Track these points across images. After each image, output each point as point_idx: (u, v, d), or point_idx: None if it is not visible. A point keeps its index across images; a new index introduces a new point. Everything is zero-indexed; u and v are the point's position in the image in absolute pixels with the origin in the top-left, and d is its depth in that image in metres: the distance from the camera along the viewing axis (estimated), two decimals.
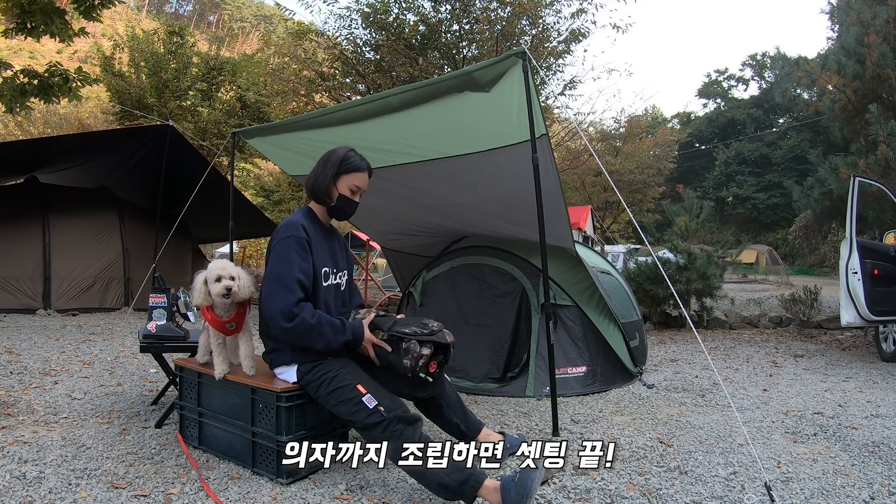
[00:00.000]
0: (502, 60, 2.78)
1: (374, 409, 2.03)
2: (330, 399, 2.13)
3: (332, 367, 2.16)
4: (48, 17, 5.39)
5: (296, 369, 2.22)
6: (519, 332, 3.88)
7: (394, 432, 1.99)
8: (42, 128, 21.88)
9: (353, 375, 2.14)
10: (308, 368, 2.19)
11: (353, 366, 2.20)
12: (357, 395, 2.07)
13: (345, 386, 2.10)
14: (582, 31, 9.81)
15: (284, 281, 2.13)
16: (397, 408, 2.06)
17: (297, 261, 2.16)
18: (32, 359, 4.44)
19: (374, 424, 2.02)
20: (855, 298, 4.82)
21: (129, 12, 58.16)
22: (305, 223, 2.28)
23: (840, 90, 8.32)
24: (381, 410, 2.02)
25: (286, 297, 2.10)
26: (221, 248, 19.40)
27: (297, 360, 2.22)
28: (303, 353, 2.20)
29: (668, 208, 9.16)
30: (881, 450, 2.69)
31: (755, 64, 43.85)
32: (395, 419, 2.01)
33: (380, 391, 2.11)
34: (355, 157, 2.37)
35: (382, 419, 2.00)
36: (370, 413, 2.02)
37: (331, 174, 2.33)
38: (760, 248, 25.64)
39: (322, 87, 10.27)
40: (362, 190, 2.40)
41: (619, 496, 2.12)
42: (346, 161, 2.34)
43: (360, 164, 2.37)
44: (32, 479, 2.15)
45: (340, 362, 2.18)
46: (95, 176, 8.29)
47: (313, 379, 2.16)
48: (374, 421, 2.02)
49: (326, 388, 2.13)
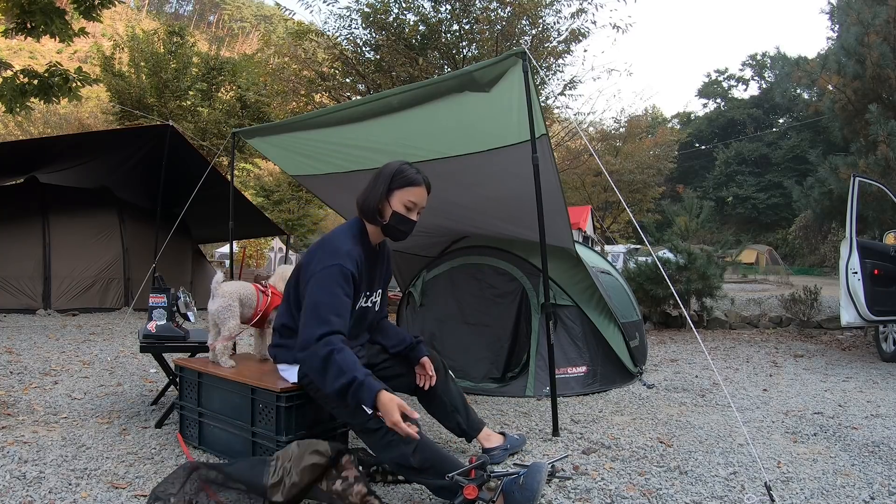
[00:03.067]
0: (502, 60, 2.77)
1: (373, 415, 1.96)
2: (329, 402, 2.11)
3: None
4: (48, 17, 5.39)
5: (297, 369, 2.21)
6: (519, 332, 3.88)
7: (391, 440, 1.94)
8: (42, 128, 21.89)
9: None
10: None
11: None
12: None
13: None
14: (582, 31, 9.82)
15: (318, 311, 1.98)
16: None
17: (338, 292, 2.00)
18: (32, 359, 4.44)
19: (372, 430, 1.99)
20: (855, 298, 4.82)
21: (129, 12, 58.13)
22: (355, 251, 2.09)
23: (840, 90, 8.32)
24: (380, 415, 1.97)
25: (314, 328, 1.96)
26: (221, 248, 19.39)
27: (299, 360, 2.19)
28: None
29: (668, 208, 9.16)
30: (881, 450, 2.69)
31: (755, 64, 43.85)
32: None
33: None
34: (410, 171, 2.18)
35: (381, 426, 1.95)
36: (368, 419, 1.98)
37: (382, 190, 2.14)
38: (760, 248, 25.65)
39: (322, 87, 10.28)
40: (420, 207, 2.19)
41: (619, 496, 2.12)
42: (399, 175, 2.15)
43: (415, 178, 2.17)
44: (32, 479, 2.15)
45: None
46: (95, 176, 8.29)
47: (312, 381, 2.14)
48: (373, 427, 1.98)
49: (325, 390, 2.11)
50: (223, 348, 2.56)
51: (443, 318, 4.16)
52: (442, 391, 2.39)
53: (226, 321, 2.55)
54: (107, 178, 8.40)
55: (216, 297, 2.56)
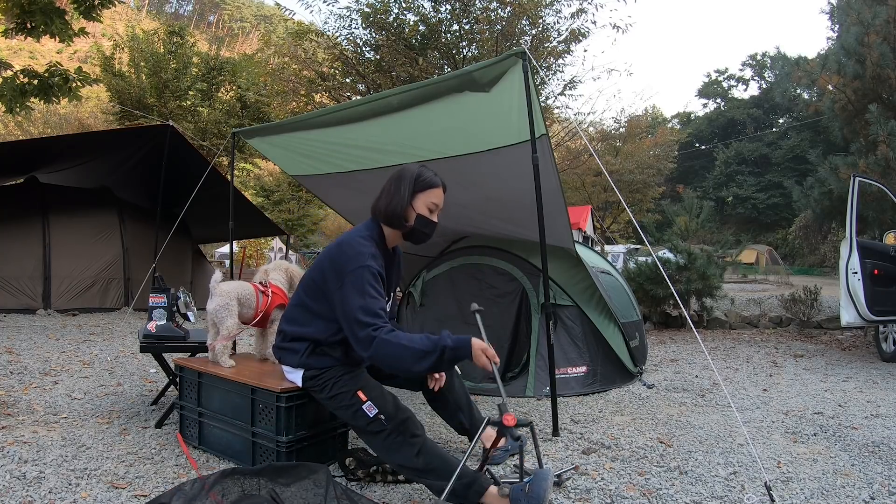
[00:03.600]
0: (502, 60, 2.77)
1: (375, 417, 1.98)
2: (330, 403, 2.11)
3: (334, 373, 2.11)
4: (48, 17, 5.39)
5: (301, 374, 2.18)
6: (519, 332, 3.88)
7: (394, 443, 1.95)
8: (42, 128, 21.89)
9: (355, 381, 2.08)
10: (312, 374, 2.14)
11: (358, 370, 2.15)
12: (357, 403, 2.03)
13: (344, 392, 2.06)
14: (582, 31, 9.83)
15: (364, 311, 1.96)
16: (401, 416, 2.00)
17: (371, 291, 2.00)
18: (32, 359, 4.44)
19: (374, 433, 1.99)
20: (855, 298, 4.82)
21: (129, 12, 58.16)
22: (377, 253, 2.11)
23: (840, 90, 8.32)
24: (382, 419, 1.98)
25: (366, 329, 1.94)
26: (221, 248, 19.39)
27: (305, 365, 2.15)
28: (310, 360, 2.14)
29: (668, 208, 9.15)
30: (881, 450, 2.69)
31: (755, 64, 43.87)
32: (396, 430, 1.96)
33: (383, 398, 2.05)
34: (428, 173, 2.21)
35: (383, 429, 1.96)
36: (370, 421, 1.99)
37: (406, 194, 2.15)
38: (760, 248, 25.64)
39: (322, 87, 10.28)
40: (440, 208, 2.23)
41: (619, 496, 2.12)
42: (420, 178, 2.18)
43: (434, 180, 2.20)
44: (32, 479, 2.15)
45: (344, 368, 2.13)
46: (95, 176, 8.29)
47: (315, 385, 2.13)
48: (375, 430, 1.98)
49: (328, 392, 2.10)
50: (223, 348, 2.56)
51: (443, 318, 4.15)
52: (447, 389, 2.39)
53: (224, 320, 2.55)
54: (107, 178, 8.40)
55: (214, 297, 2.56)
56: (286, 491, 1.86)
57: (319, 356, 2.14)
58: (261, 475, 1.91)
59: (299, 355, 2.15)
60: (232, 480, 1.87)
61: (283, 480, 1.89)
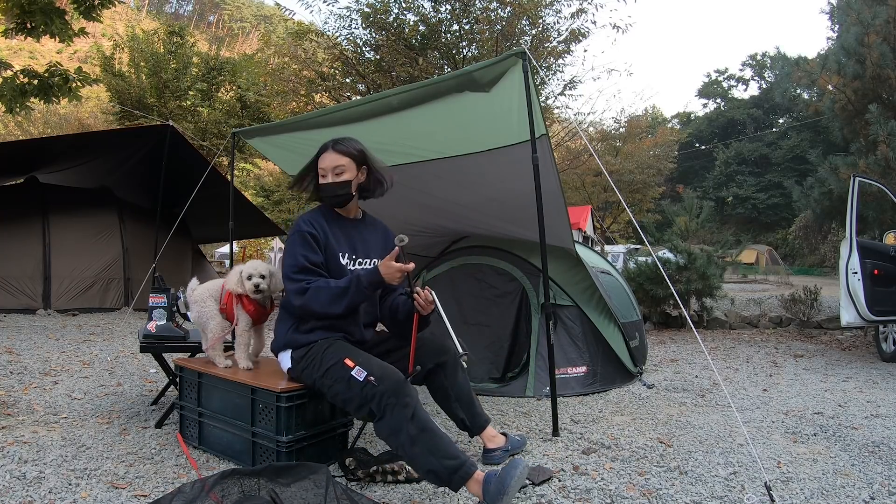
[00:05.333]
0: (502, 60, 2.77)
1: (365, 380, 2.02)
2: (325, 382, 2.14)
3: (319, 347, 2.21)
4: (48, 17, 5.38)
5: (290, 354, 2.29)
6: (519, 332, 3.88)
7: (387, 405, 1.97)
8: (42, 128, 21.87)
9: (339, 351, 2.16)
10: (301, 355, 2.24)
11: (341, 342, 2.24)
12: (346, 371, 2.07)
13: (334, 364, 2.12)
14: (582, 31, 9.82)
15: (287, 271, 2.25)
16: (389, 377, 2.03)
17: (299, 251, 2.25)
18: (32, 359, 4.44)
19: (368, 399, 2.01)
20: (855, 298, 4.82)
21: (129, 12, 58.10)
22: (313, 216, 2.35)
23: (840, 90, 8.32)
24: (372, 381, 2.01)
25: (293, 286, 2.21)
26: (221, 248, 19.40)
27: (290, 344, 2.29)
28: (296, 336, 2.27)
29: (668, 208, 9.15)
30: (881, 450, 2.69)
31: (755, 64, 43.85)
32: (388, 391, 1.98)
33: (369, 362, 2.10)
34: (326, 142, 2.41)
35: (376, 392, 1.99)
36: (363, 386, 2.02)
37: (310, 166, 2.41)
38: (760, 248, 25.62)
39: (322, 87, 10.27)
40: (331, 170, 2.33)
41: (619, 496, 2.12)
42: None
43: (322, 146, 2.39)
44: (32, 479, 2.15)
45: (328, 342, 2.22)
46: (95, 176, 8.29)
47: (306, 365, 2.21)
48: (369, 396, 2.00)
49: (318, 370, 2.16)
50: (213, 350, 2.58)
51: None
52: (450, 383, 2.40)
53: (206, 324, 2.58)
54: (107, 178, 8.41)
55: (191, 306, 2.59)
56: (286, 491, 1.86)
57: (303, 333, 2.26)
58: (261, 475, 1.91)
59: (285, 333, 2.30)
60: (232, 481, 1.87)
61: (283, 480, 1.89)
